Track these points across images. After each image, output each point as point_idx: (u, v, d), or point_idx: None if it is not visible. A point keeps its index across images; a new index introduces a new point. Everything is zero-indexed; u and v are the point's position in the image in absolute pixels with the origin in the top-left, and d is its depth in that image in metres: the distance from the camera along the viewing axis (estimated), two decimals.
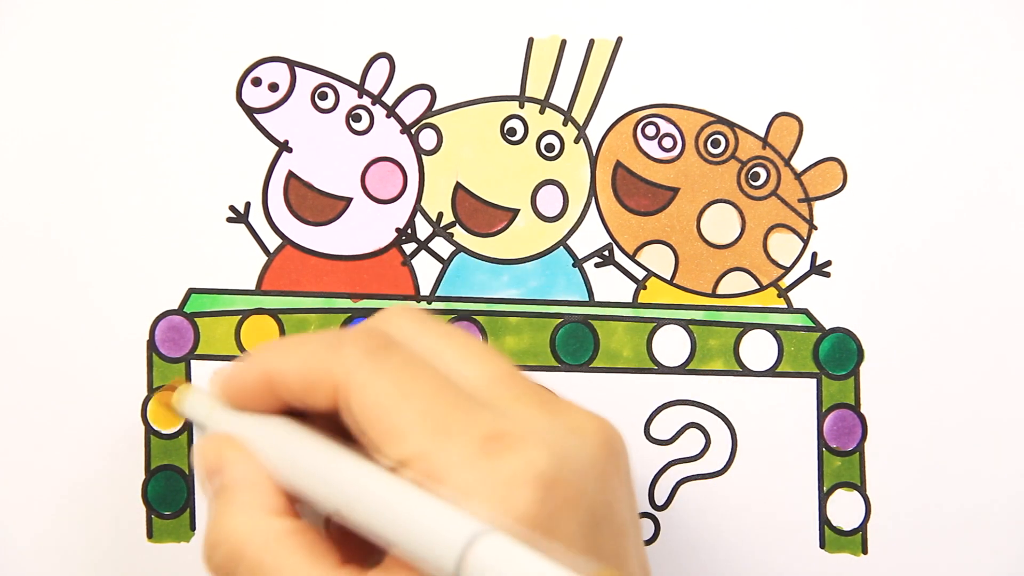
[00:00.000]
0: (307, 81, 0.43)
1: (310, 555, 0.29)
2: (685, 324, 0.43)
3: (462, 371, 0.31)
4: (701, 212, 0.43)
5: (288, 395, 0.32)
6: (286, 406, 0.32)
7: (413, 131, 0.43)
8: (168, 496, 0.42)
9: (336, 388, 0.30)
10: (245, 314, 0.43)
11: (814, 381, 0.43)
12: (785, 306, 0.43)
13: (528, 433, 0.28)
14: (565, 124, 0.43)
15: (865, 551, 0.43)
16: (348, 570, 0.29)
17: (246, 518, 0.30)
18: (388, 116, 0.43)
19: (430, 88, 0.43)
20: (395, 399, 0.29)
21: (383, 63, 0.43)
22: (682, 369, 0.43)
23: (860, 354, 0.43)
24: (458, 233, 0.43)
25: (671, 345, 0.43)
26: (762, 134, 0.43)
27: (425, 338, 0.32)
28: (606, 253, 0.43)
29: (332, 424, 0.32)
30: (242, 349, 0.43)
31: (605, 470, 0.29)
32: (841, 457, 0.43)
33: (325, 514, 0.30)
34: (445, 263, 0.43)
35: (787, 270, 0.43)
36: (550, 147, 0.43)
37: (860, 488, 0.43)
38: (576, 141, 0.43)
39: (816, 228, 0.43)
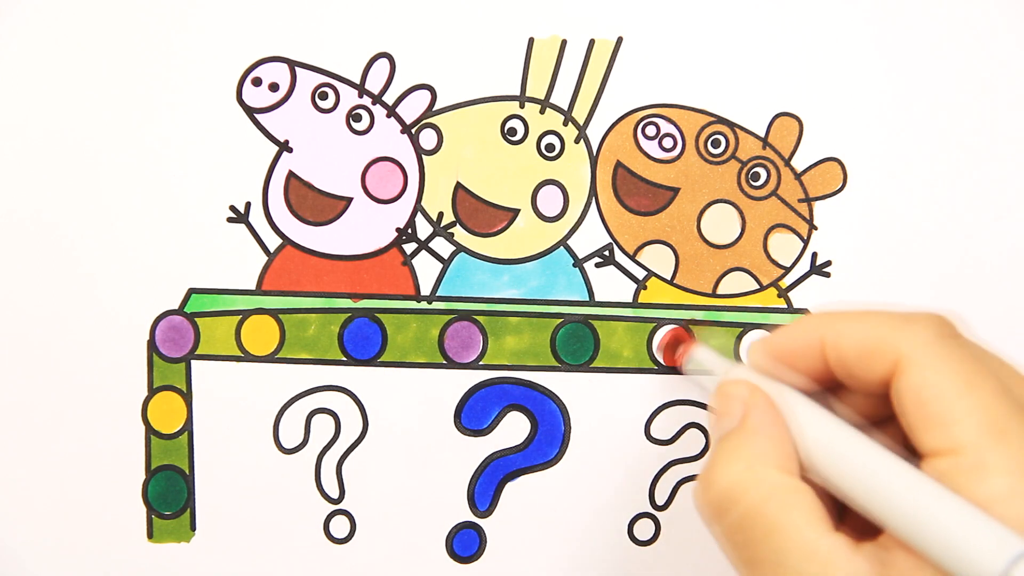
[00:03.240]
0: (307, 81, 0.43)
1: (807, 515, 0.29)
2: (685, 324, 0.43)
3: (1012, 385, 0.30)
4: (701, 212, 0.43)
5: (839, 360, 0.31)
6: (824, 375, 0.32)
7: (413, 131, 0.43)
8: (168, 496, 0.42)
9: (898, 361, 0.30)
10: (245, 314, 0.43)
11: None
12: (785, 306, 0.43)
13: None
14: (565, 124, 0.43)
15: None
16: (842, 537, 0.29)
17: (756, 465, 0.30)
18: (388, 116, 0.43)
19: (430, 88, 0.43)
20: (959, 387, 0.29)
21: (383, 63, 0.43)
22: (682, 369, 0.43)
23: None
24: (458, 233, 0.43)
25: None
26: (762, 134, 0.43)
27: (979, 345, 0.32)
28: (606, 253, 0.43)
29: (857, 406, 0.32)
30: (242, 349, 0.43)
31: None
32: None
33: (834, 492, 0.30)
34: (445, 263, 0.43)
35: (787, 270, 0.43)
36: (550, 147, 0.43)
37: None
38: (576, 141, 0.43)
39: (816, 228, 0.43)
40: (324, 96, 0.43)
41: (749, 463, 0.31)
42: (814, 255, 0.43)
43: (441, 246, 0.43)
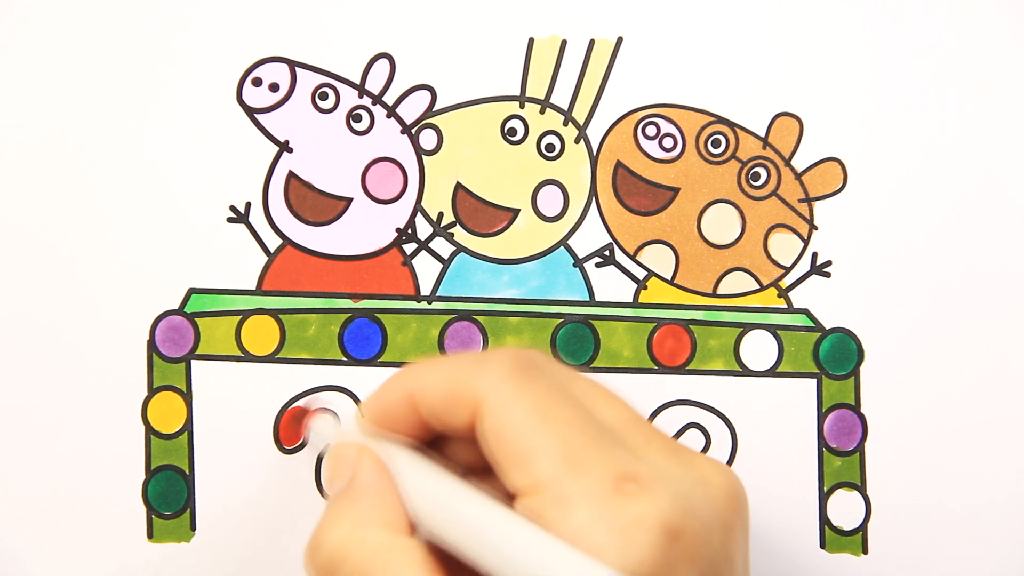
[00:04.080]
0: (307, 81, 0.43)
1: (413, 572, 0.29)
2: (686, 324, 0.43)
3: (596, 408, 0.30)
4: (701, 212, 0.43)
5: (429, 412, 0.31)
6: (425, 429, 0.32)
7: (413, 131, 0.43)
8: (168, 496, 0.42)
9: (477, 405, 0.30)
10: (245, 314, 0.43)
11: (814, 381, 0.43)
12: (785, 306, 0.43)
13: (659, 479, 0.28)
14: (566, 124, 0.43)
15: (865, 551, 0.43)
16: None
17: (361, 525, 0.30)
18: (388, 116, 0.43)
19: (430, 88, 0.43)
20: (534, 422, 0.29)
21: (383, 63, 0.43)
22: (682, 369, 0.43)
23: (860, 354, 0.43)
24: (458, 233, 0.43)
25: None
26: (762, 134, 0.43)
27: (564, 371, 0.32)
28: (607, 253, 0.43)
29: (464, 454, 0.32)
30: (242, 349, 0.43)
31: (729, 523, 0.29)
32: (841, 457, 0.43)
33: (441, 545, 0.30)
34: (445, 263, 0.43)
35: (787, 270, 0.43)
36: (550, 147, 0.43)
37: (860, 488, 0.43)
38: (576, 141, 0.43)
39: (816, 228, 0.43)
40: (324, 96, 0.43)
41: (354, 524, 0.30)
42: (814, 255, 0.43)
43: (441, 246, 0.43)
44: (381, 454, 0.32)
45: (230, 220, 0.43)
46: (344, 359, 0.43)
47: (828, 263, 0.43)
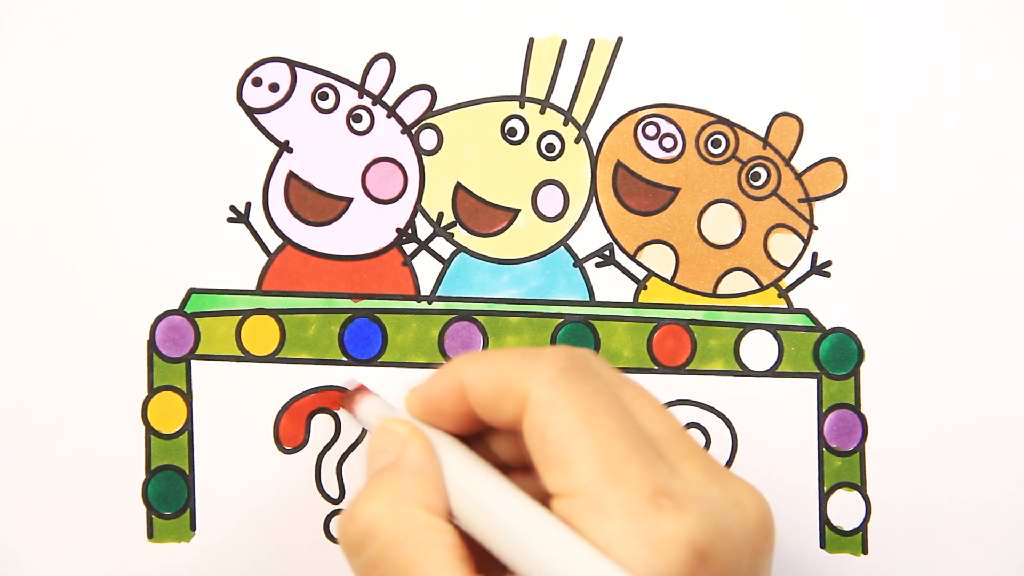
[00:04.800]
0: (308, 81, 0.43)
1: (445, 555, 0.29)
2: (686, 324, 0.43)
3: (641, 416, 0.30)
4: (702, 212, 0.43)
5: (478, 403, 0.31)
6: (472, 420, 0.32)
7: (413, 131, 0.43)
8: (168, 496, 0.42)
9: (524, 401, 0.30)
10: (246, 314, 0.43)
11: (814, 381, 0.43)
12: (785, 306, 0.43)
13: (694, 498, 0.28)
14: (566, 124, 0.43)
15: (865, 551, 0.43)
16: None
17: (401, 502, 0.30)
18: (389, 116, 0.43)
19: (430, 88, 0.43)
20: (578, 425, 0.29)
21: (383, 63, 0.43)
22: (682, 369, 0.43)
23: (860, 354, 0.43)
24: (458, 233, 0.43)
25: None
26: (762, 134, 0.43)
27: (614, 375, 0.31)
28: (607, 253, 0.43)
29: (508, 449, 0.32)
30: (243, 349, 0.43)
31: (759, 549, 0.29)
32: (841, 457, 0.43)
33: (474, 537, 0.30)
34: (446, 263, 0.43)
35: (787, 270, 0.43)
36: (551, 147, 0.43)
37: (860, 488, 0.43)
38: (577, 141, 0.43)
39: (816, 228, 0.43)
40: (324, 96, 0.43)
41: (394, 499, 0.30)
42: (814, 255, 0.43)
43: (441, 246, 0.43)
44: (430, 436, 0.32)
45: (230, 220, 0.43)
46: (344, 359, 0.43)
47: (828, 263, 0.43)
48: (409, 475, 0.31)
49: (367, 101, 0.43)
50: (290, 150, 0.43)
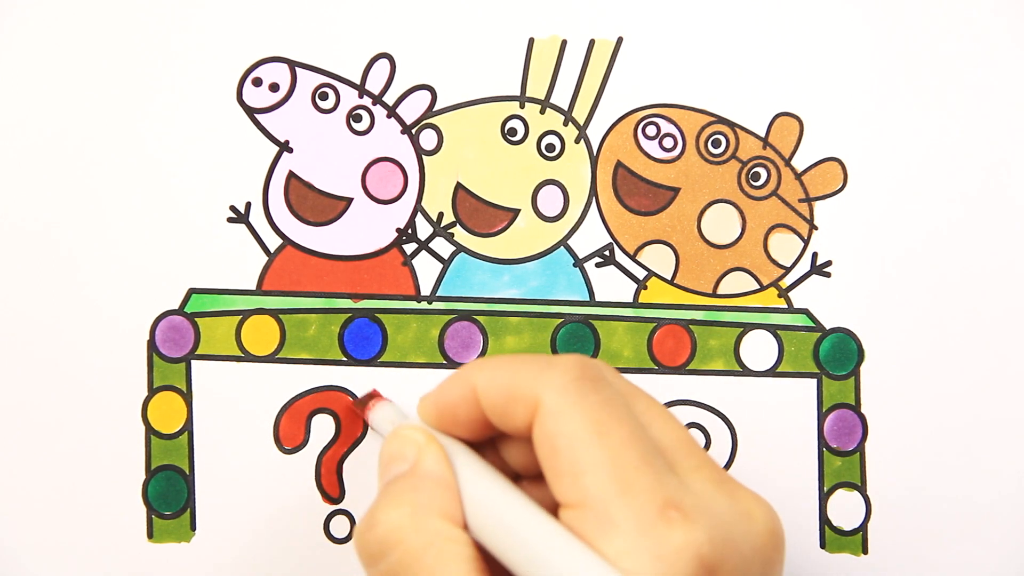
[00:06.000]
0: (308, 81, 0.43)
1: (463, 566, 0.29)
2: (686, 324, 0.43)
3: (653, 427, 0.30)
4: (702, 212, 0.43)
5: (490, 408, 0.31)
6: (483, 427, 0.32)
7: (414, 131, 0.43)
8: (168, 496, 0.42)
9: (536, 408, 0.30)
10: (245, 314, 0.43)
11: (814, 381, 0.43)
12: (785, 306, 0.43)
13: (704, 510, 0.28)
14: (566, 124, 0.43)
15: (865, 551, 0.43)
16: None
17: (421, 512, 0.30)
18: (389, 116, 0.43)
19: (430, 88, 0.43)
20: (589, 435, 0.28)
21: (384, 63, 0.43)
22: (682, 369, 0.43)
23: (860, 354, 0.43)
24: (459, 233, 0.43)
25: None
26: (762, 134, 0.43)
27: (626, 385, 0.31)
28: (607, 253, 0.43)
29: (518, 456, 0.32)
30: (243, 349, 0.43)
31: (769, 560, 0.29)
32: (841, 457, 0.43)
33: (484, 546, 0.30)
34: (446, 263, 0.43)
35: (787, 270, 0.43)
36: (551, 147, 0.43)
37: (860, 488, 0.43)
38: (577, 141, 0.43)
39: (816, 228, 0.43)
40: (324, 96, 0.43)
41: (414, 508, 0.30)
42: (814, 255, 0.43)
43: (441, 246, 0.43)
44: (444, 444, 0.32)
45: (230, 220, 0.43)
46: (344, 359, 0.43)
47: (828, 263, 0.43)
48: (428, 483, 0.31)
49: (367, 101, 0.43)
50: (290, 150, 0.43)
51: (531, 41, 0.43)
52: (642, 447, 0.29)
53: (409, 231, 0.43)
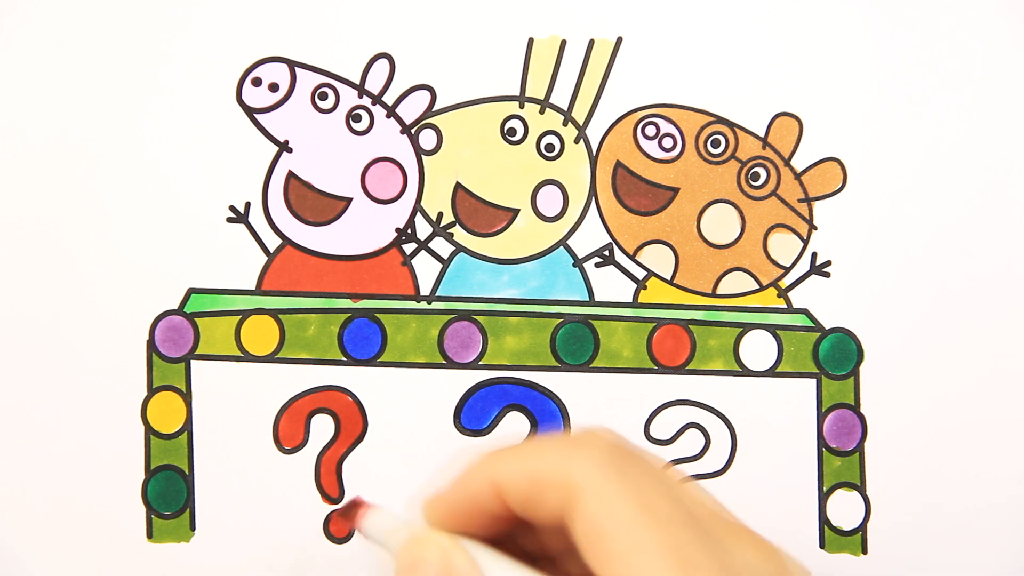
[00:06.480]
0: (307, 81, 0.43)
1: None
2: (686, 324, 0.43)
3: (685, 498, 0.29)
4: (701, 212, 0.43)
5: (516, 500, 0.30)
6: (502, 522, 0.31)
7: (413, 131, 0.43)
8: (168, 496, 0.42)
9: (570, 492, 0.28)
10: (245, 314, 0.43)
11: (814, 381, 0.43)
12: (785, 306, 0.43)
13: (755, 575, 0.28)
14: (565, 124, 0.43)
15: (865, 551, 0.43)
16: None
17: None
18: (388, 116, 0.43)
19: (430, 88, 0.43)
20: (638, 515, 0.27)
21: (383, 63, 0.43)
22: (682, 369, 0.43)
23: (860, 354, 0.43)
24: (458, 233, 0.43)
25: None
26: (762, 134, 0.43)
27: (653, 458, 0.30)
28: (606, 253, 0.43)
29: (529, 543, 0.31)
30: (242, 349, 0.43)
31: None
32: (841, 457, 0.43)
33: None
34: (445, 263, 0.43)
35: (787, 270, 0.43)
36: (550, 147, 0.43)
37: (860, 488, 0.43)
38: (576, 141, 0.43)
39: (816, 228, 0.43)
40: (324, 96, 0.43)
41: None
42: (814, 255, 0.43)
43: (441, 246, 0.43)
44: (465, 553, 0.31)
45: (230, 220, 0.43)
46: (344, 359, 0.43)
47: (828, 263, 0.43)
48: None
49: (367, 101, 0.43)
50: (290, 150, 0.43)
51: (531, 41, 0.43)
52: (689, 521, 0.28)
53: (408, 231, 0.43)
